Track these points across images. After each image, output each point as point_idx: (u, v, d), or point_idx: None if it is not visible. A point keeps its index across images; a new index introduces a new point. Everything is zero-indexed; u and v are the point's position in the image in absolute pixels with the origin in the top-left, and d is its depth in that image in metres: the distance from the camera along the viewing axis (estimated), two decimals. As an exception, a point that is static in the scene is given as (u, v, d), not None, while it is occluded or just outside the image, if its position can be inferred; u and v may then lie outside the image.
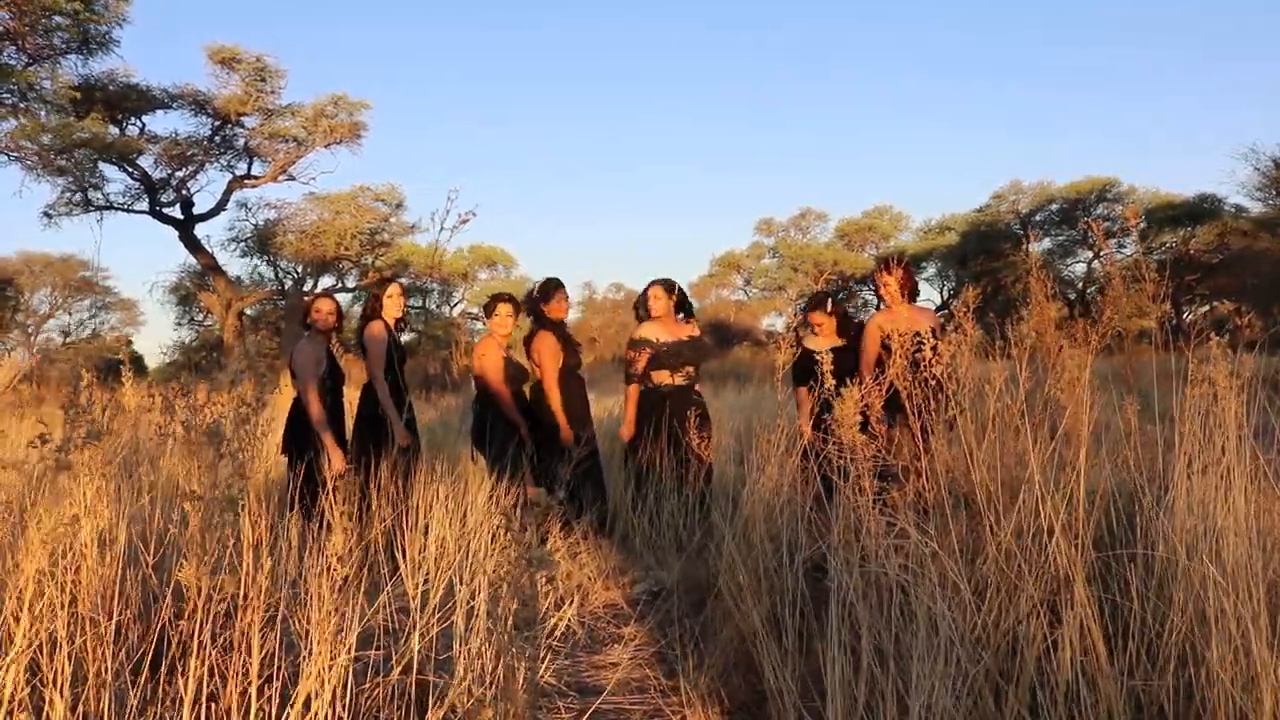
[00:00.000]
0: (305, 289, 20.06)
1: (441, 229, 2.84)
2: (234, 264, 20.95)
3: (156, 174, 16.86)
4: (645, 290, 4.73)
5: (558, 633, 3.03)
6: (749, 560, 2.75)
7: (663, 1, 61.31)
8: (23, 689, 1.91)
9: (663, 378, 4.55)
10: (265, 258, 21.18)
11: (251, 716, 1.92)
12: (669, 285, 4.68)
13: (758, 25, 59.27)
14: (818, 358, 3.08)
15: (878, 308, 4.32)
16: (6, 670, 1.87)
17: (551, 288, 4.70)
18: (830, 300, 4.55)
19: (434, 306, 26.02)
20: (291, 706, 1.90)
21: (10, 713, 1.86)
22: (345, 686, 1.98)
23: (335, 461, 4.10)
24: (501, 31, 58.93)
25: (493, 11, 61.35)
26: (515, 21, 58.86)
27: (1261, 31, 50.37)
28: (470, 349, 5.09)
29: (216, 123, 17.06)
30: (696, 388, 4.66)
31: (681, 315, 4.74)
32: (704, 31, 59.54)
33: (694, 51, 59.90)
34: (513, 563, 1.59)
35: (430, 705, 2.25)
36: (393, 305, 4.44)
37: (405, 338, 4.62)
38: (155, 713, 2.03)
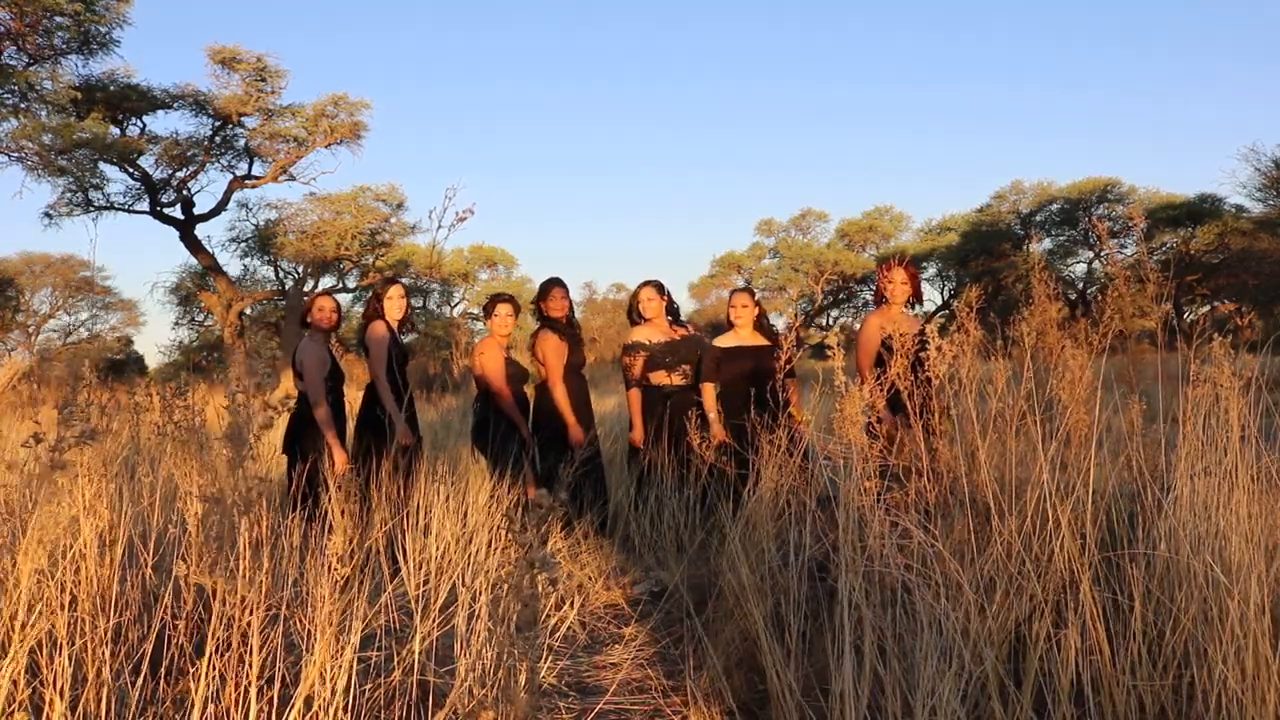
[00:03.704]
0: (305, 289, 20.07)
1: (439, 227, 2.83)
2: (234, 264, 20.96)
3: (157, 174, 16.86)
4: (636, 292, 4.74)
5: (559, 634, 3.02)
6: (751, 559, 2.75)
7: (663, 4, 61.31)
8: (23, 690, 1.91)
9: (660, 378, 4.55)
10: (265, 258, 21.19)
11: (252, 717, 1.91)
12: (659, 286, 4.69)
13: (758, 26, 59.28)
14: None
15: (878, 305, 4.28)
16: (5, 671, 1.87)
17: (548, 286, 4.72)
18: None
19: (434, 307, 26.05)
20: (292, 708, 1.90)
21: (11, 714, 1.85)
22: (347, 687, 1.97)
23: (338, 461, 4.11)
24: (504, 32, 58.93)
25: (495, 13, 61.35)
26: (517, 23, 58.87)
27: (1262, 31, 50.37)
28: (471, 349, 5.10)
29: (217, 123, 17.06)
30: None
31: (670, 319, 4.73)
32: (704, 32, 59.53)
33: (695, 52, 59.89)
34: (514, 564, 1.59)
35: (431, 706, 2.24)
36: (394, 306, 4.43)
37: (407, 338, 4.62)
38: (156, 713, 2.03)
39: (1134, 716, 1.91)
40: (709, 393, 4.37)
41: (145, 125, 16.69)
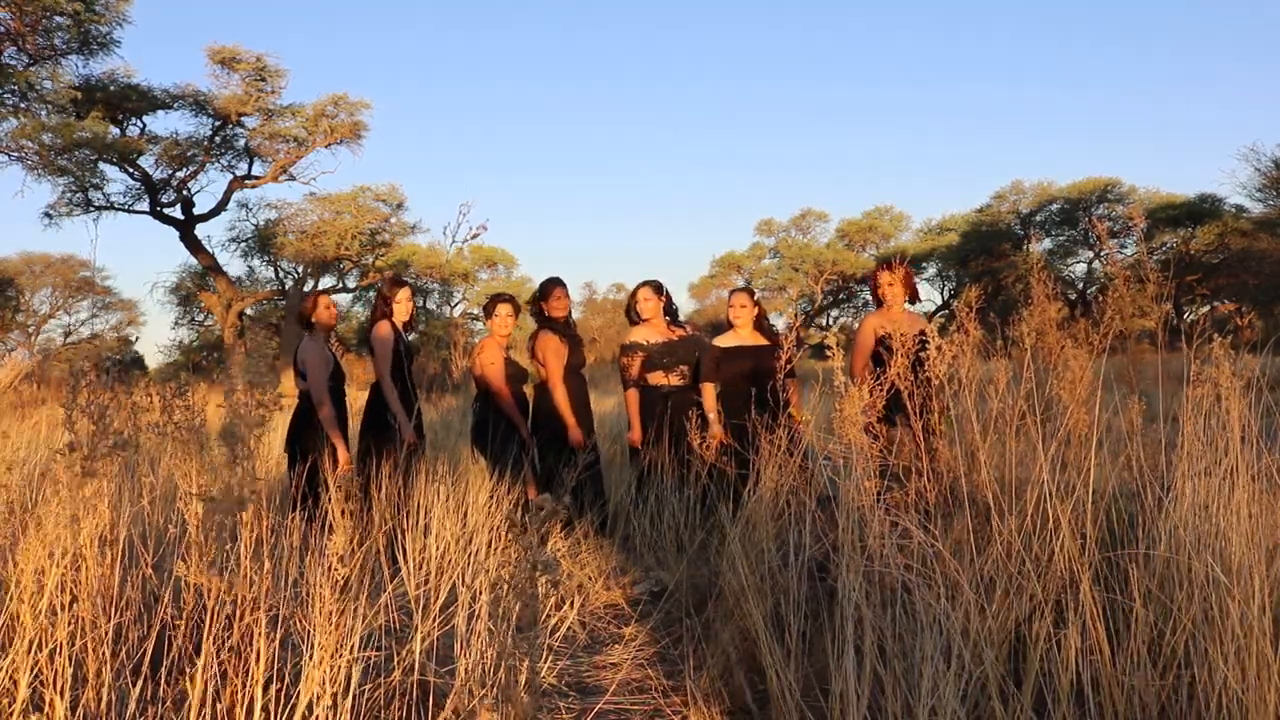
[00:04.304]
0: (305, 289, 20.07)
1: (453, 241, 2.85)
2: (234, 264, 20.99)
3: (157, 174, 16.87)
4: (634, 292, 4.73)
5: (559, 634, 3.02)
6: (751, 559, 2.74)
7: (663, 4, 61.33)
8: (24, 690, 1.91)
9: (658, 379, 4.55)
10: (265, 258, 21.19)
11: (255, 717, 1.91)
12: (657, 286, 4.69)
13: (758, 26, 59.29)
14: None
15: (878, 308, 4.28)
16: (6, 672, 1.87)
17: (549, 286, 4.71)
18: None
19: (434, 307, 26.04)
20: (294, 708, 1.90)
21: (11, 714, 1.85)
22: (348, 688, 1.97)
23: (341, 460, 4.11)
24: (504, 32, 58.94)
25: (495, 13, 61.38)
26: (517, 23, 58.88)
27: (1262, 31, 50.39)
28: (471, 350, 5.11)
29: (217, 123, 17.07)
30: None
31: (669, 319, 4.73)
32: (704, 32, 59.55)
33: (695, 52, 59.91)
34: (514, 564, 1.59)
35: (431, 706, 2.24)
36: (402, 309, 4.46)
37: (409, 337, 4.64)
38: (156, 713, 2.03)
39: (1134, 716, 1.91)
40: (709, 392, 4.37)
41: (145, 125, 16.71)
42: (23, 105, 12.93)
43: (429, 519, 3.26)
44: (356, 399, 4.64)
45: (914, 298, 4.21)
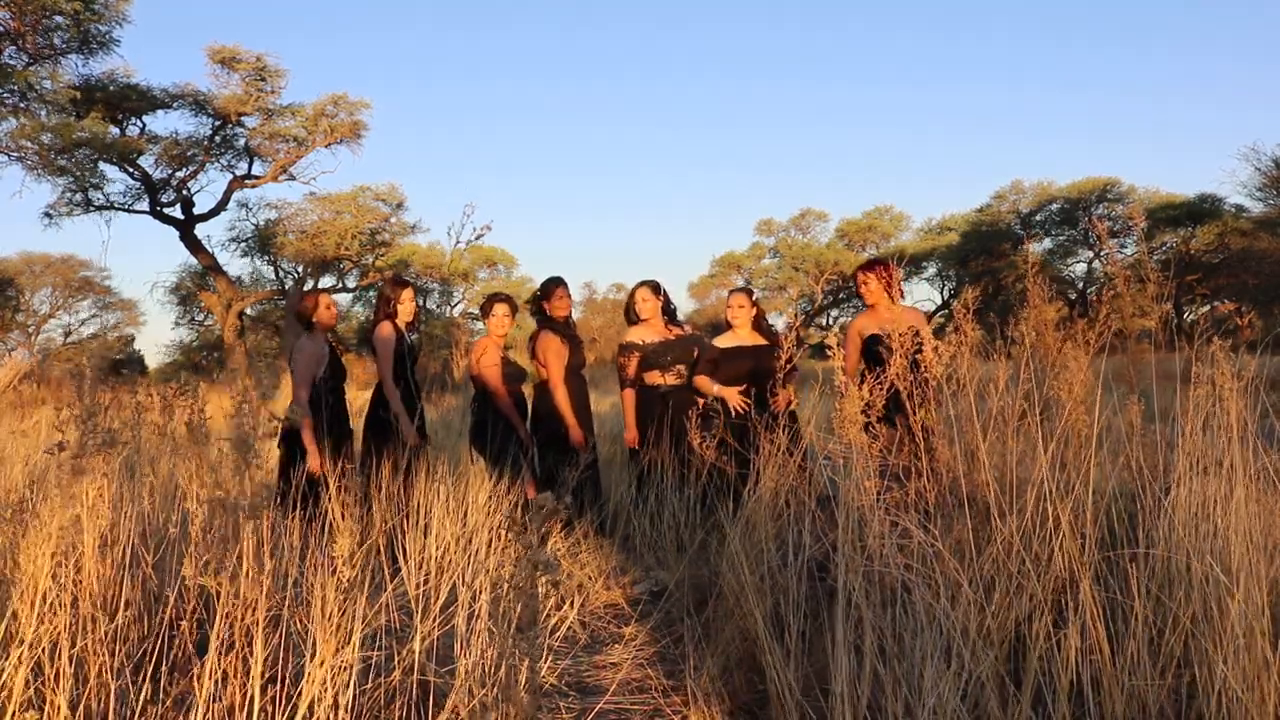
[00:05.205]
0: (306, 289, 20.06)
1: (457, 242, 2.86)
2: (234, 264, 20.98)
3: (157, 174, 16.86)
4: (632, 292, 4.74)
5: (559, 633, 3.02)
6: (751, 559, 2.75)
7: (663, 4, 61.34)
8: (25, 690, 1.91)
9: (654, 378, 4.55)
10: (265, 258, 21.19)
11: (254, 717, 1.91)
12: (655, 286, 4.69)
13: (758, 26, 59.30)
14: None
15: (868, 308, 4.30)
16: (5, 672, 1.87)
17: (551, 285, 4.71)
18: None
19: (434, 306, 26.05)
20: (295, 707, 1.90)
21: (13, 713, 1.85)
22: (348, 688, 1.98)
23: (311, 463, 4.00)
24: (504, 32, 58.95)
25: (495, 13, 61.40)
26: (517, 23, 58.89)
27: (1262, 31, 50.41)
28: (470, 349, 5.11)
29: (217, 123, 17.06)
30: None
31: (667, 318, 4.73)
32: (704, 32, 59.55)
33: (695, 52, 59.91)
34: (514, 563, 1.59)
35: (431, 706, 2.24)
36: (404, 310, 4.47)
37: (411, 337, 4.65)
38: (156, 713, 2.03)
39: (1134, 716, 1.91)
40: (705, 382, 4.35)
41: (145, 125, 16.70)
42: (22, 105, 12.93)
43: (429, 519, 3.26)
44: (357, 398, 4.64)
45: (895, 294, 4.21)
